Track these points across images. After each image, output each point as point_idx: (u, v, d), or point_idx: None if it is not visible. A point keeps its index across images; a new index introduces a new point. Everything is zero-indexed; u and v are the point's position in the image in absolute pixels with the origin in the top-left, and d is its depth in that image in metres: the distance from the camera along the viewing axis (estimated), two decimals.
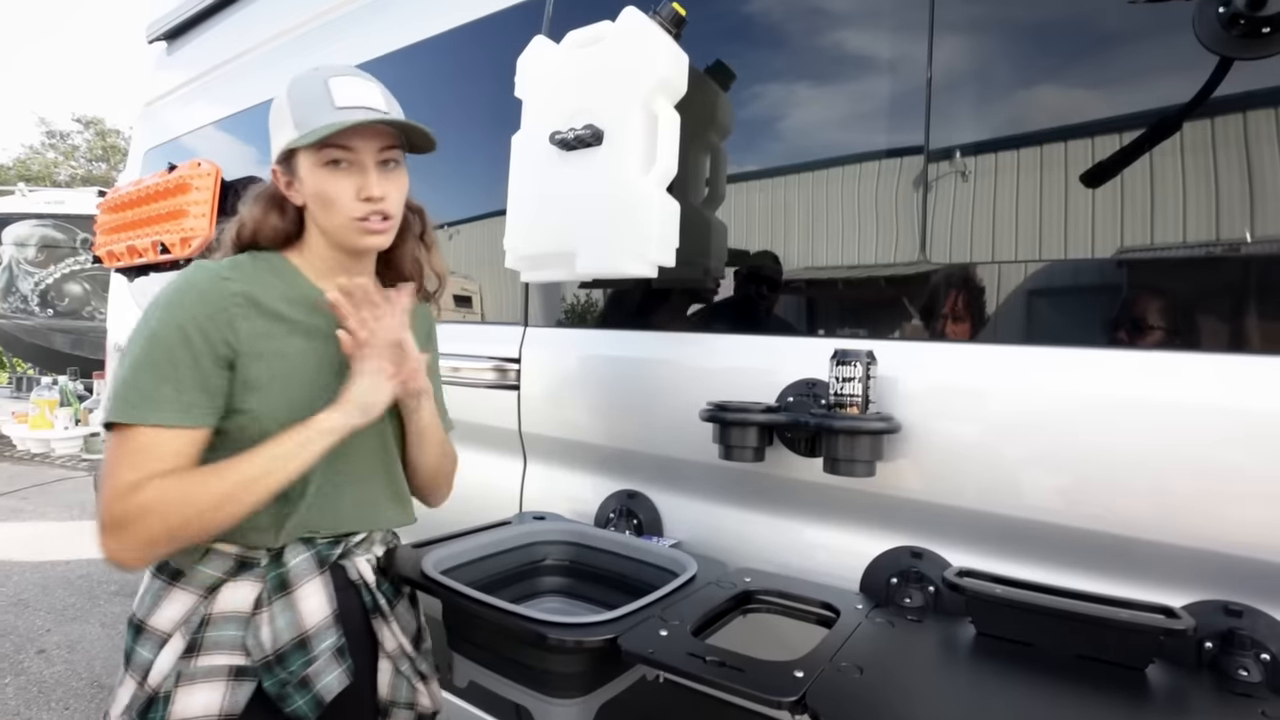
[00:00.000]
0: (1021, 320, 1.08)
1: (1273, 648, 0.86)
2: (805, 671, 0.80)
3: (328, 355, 1.00)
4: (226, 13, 2.90)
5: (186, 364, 0.89)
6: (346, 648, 0.99)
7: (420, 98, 1.91)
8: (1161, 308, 0.99)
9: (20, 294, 8.69)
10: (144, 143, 3.34)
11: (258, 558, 0.97)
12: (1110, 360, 0.97)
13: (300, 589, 0.96)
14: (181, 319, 0.90)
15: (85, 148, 22.53)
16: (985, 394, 1.04)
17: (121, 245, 2.76)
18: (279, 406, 0.94)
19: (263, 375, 0.94)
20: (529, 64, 1.38)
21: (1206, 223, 0.93)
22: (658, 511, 1.39)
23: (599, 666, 0.96)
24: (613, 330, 1.54)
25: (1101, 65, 1.03)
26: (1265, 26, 0.88)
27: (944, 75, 1.13)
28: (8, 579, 4.00)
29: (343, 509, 1.02)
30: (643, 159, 1.22)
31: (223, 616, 0.95)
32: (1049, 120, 1.07)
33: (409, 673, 1.08)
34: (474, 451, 1.70)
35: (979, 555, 1.06)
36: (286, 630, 0.94)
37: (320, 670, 0.95)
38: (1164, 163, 0.97)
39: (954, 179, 1.12)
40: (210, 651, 0.93)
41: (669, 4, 1.26)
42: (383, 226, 0.99)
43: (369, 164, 0.96)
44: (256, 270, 0.99)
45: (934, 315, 1.14)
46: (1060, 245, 1.03)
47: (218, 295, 0.92)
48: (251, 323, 0.94)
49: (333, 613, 0.98)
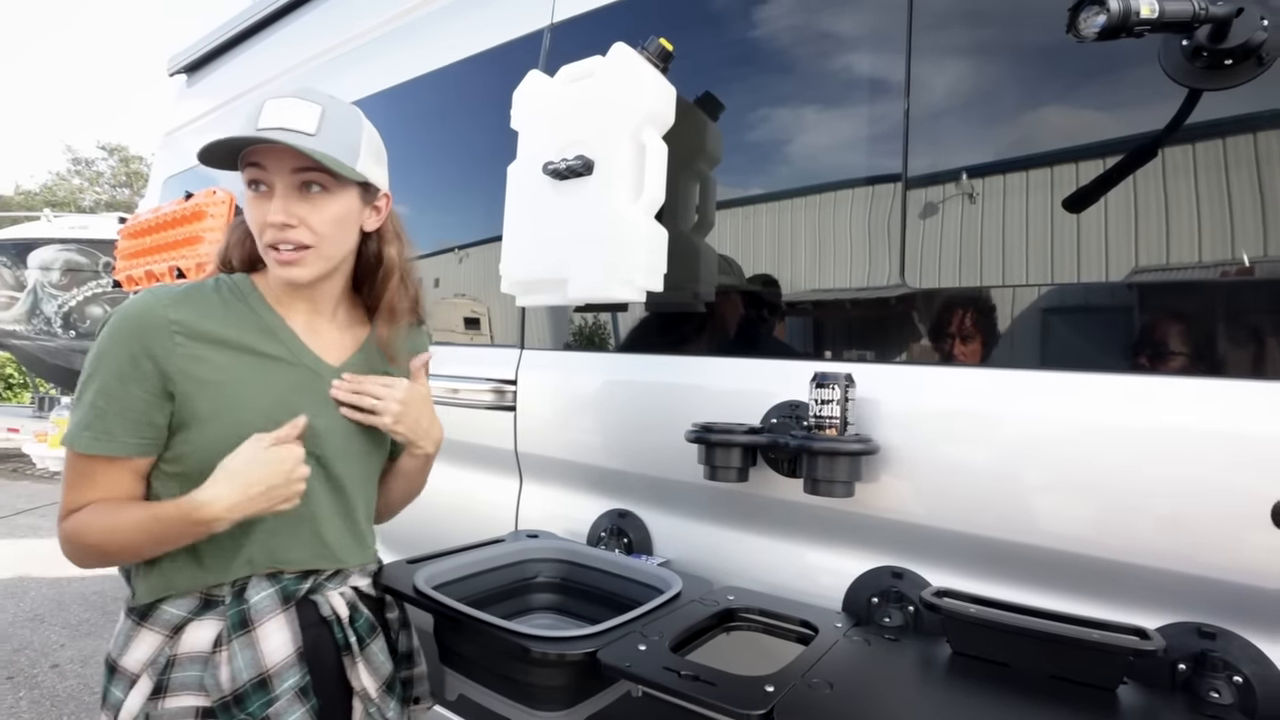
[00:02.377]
0: (1000, 344, 1.10)
1: (1245, 670, 0.87)
2: (776, 686, 0.82)
3: (277, 380, 0.98)
4: (242, 48, 3.02)
5: (116, 392, 0.89)
6: (310, 687, 0.96)
7: (422, 129, 1.99)
8: (1130, 332, 1.01)
9: (44, 316, 8.89)
10: (164, 171, 3.45)
11: (221, 595, 0.95)
12: (1086, 384, 0.99)
13: (261, 627, 0.93)
14: (117, 350, 0.90)
15: (109, 174, 23.11)
16: (963, 416, 1.07)
17: (140, 270, 2.85)
18: (227, 432, 0.92)
19: (205, 402, 0.92)
20: (524, 97, 1.44)
21: (1186, 248, 0.96)
22: (648, 530, 1.42)
23: (582, 681, 0.98)
24: (605, 353, 1.58)
25: (1077, 94, 1.07)
26: (1227, 59, 0.91)
27: (921, 104, 1.16)
28: (25, 594, 4.08)
29: (301, 543, 1.00)
30: (631, 188, 1.27)
31: (187, 657, 0.93)
32: (1023, 148, 1.10)
33: (376, 716, 1.03)
34: (471, 471, 1.74)
35: (961, 576, 1.08)
36: (245, 670, 0.91)
37: (281, 711, 0.92)
38: (1140, 188, 0.99)
39: (929, 206, 1.15)
40: (176, 693, 0.92)
41: (656, 40, 1.31)
42: (293, 257, 0.94)
43: (279, 187, 0.92)
44: (216, 295, 0.98)
45: (911, 339, 1.16)
46: (1037, 270, 1.06)
47: (153, 325, 0.90)
48: (189, 349, 0.91)
49: (296, 651, 0.95)
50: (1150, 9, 0.79)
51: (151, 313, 0.91)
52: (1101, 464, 0.95)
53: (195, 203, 2.63)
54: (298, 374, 1.00)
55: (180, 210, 2.68)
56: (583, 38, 1.59)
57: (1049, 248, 1.04)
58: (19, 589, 4.15)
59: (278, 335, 0.99)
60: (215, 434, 0.92)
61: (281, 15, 2.77)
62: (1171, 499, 0.91)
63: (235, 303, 0.99)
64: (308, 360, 1.02)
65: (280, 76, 2.66)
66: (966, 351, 1.11)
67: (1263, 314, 0.91)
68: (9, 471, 8.15)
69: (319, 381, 1.02)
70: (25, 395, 12.53)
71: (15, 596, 4.04)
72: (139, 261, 2.89)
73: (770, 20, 1.37)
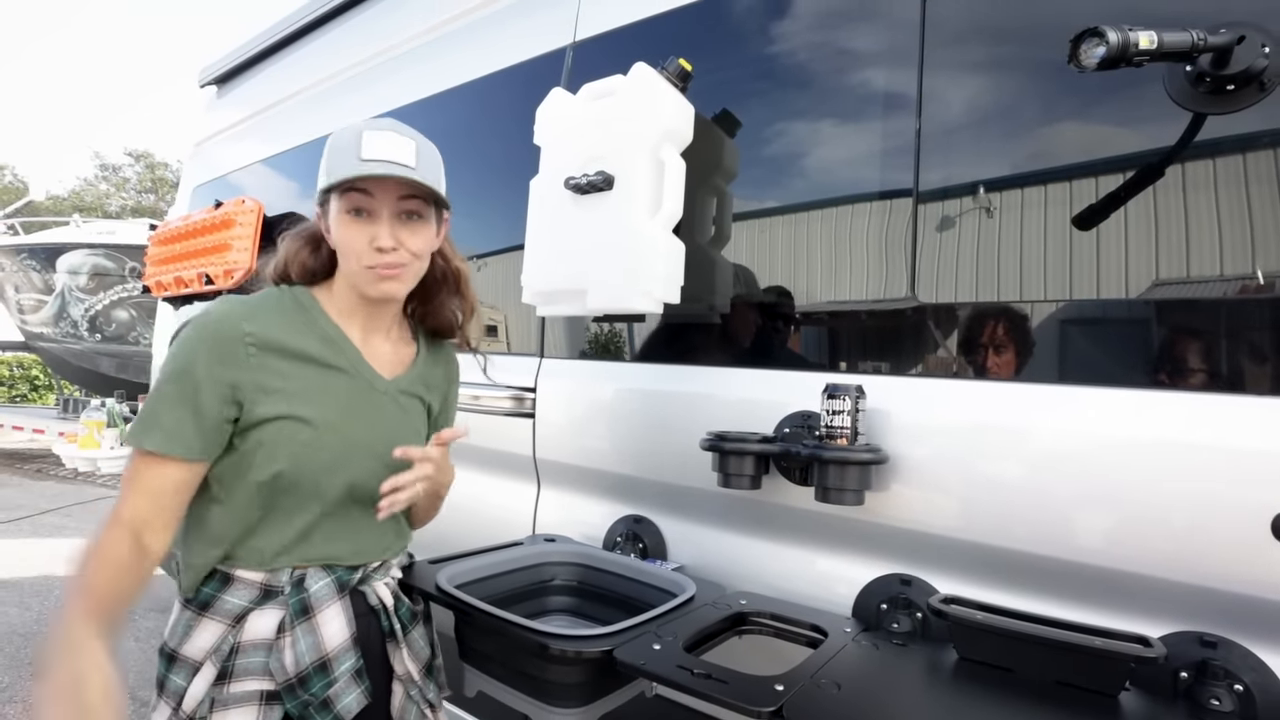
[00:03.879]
0: (1008, 358, 1.13)
1: (1246, 678, 0.89)
2: (785, 686, 0.85)
3: (336, 388, 1.04)
4: (271, 60, 3.10)
5: (188, 398, 0.94)
6: (364, 670, 1.04)
7: (447, 141, 2.04)
8: (1133, 348, 1.03)
9: (71, 319, 9.08)
10: (193, 180, 3.54)
11: (281, 586, 1.02)
12: (1091, 398, 1.01)
13: (322, 613, 1.01)
14: (195, 359, 0.95)
15: (135, 180, 23.58)
16: (971, 428, 1.09)
17: (169, 276, 2.93)
18: (284, 434, 0.99)
19: (268, 406, 0.98)
20: (547, 114, 1.49)
21: (1193, 264, 0.98)
22: (662, 536, 1.45)
23: (598, 678, 1.02)
24: (622, 362, 1.62)
25: (1085, 112, 1.10)
26: (1229, 84, 0.94)
27: (932, 121, 1.19)
28: (50, 592, 4.16)
29: (357, 540, 1.07)
30: (650, 203, 1.31)
31: (251, 644, 0.99)
32: (1032, 164, 1.13)
33: (418, 698, 1.11)
34: (491, 476, 1.79)
35: (969, 584, 1.10)
36: (308, 653, 0.98)
37: (340, 691, 0.99)
38: (1147, 205, 1.01)
39: (940, 221, 1.18)
40: (241, 678, 0.98)
41: (675, 60, 1.36)
42: (393, 273, 1.02)
43: (384, 214, 1.00)
44: (280, 306, 1.04)
45: (921, 352, 1.20)
46: (1044, 286, 1.09)
47: (230, 336, 0.97)
48: (260, 359, 0.98)
49: (351, 636, 1.03)
50: (1149, 40, 0.82)
51: (229, 324, 0.98)
52: (1105, 476, 0.98)
53: (224, 211, 2.71)
54: (355, 384, 1.06)
55: (210, 218, 2.76)
56: (604, 56, 1.64)
57: (1056, 264, 1.07)
58: (44, 587, 4.24)
59: (339, 346, 1.06)
60: (272, 434, 0.99)
61: (311, 29, 2.85)
62: (1174, 511, 0.94)
63: (298, 314, 1.05)
64: (365, 372, 1.08)
65: (311, 88, 2.74)
66: (975, 365, 1.14)
67: (1261, 330, 0.94)
68: (34, 472, 8.30)
69: (373, 393, 1.08)
70: (50, 397, 12.76)
71: (41, 595, 4.13)
72: (168, 268, 2.97)
73: (784, 40, 1.42)
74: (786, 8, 1.41)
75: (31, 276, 9.15)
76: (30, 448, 9.16)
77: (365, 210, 1.01)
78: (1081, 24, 0.92)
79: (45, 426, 8.39)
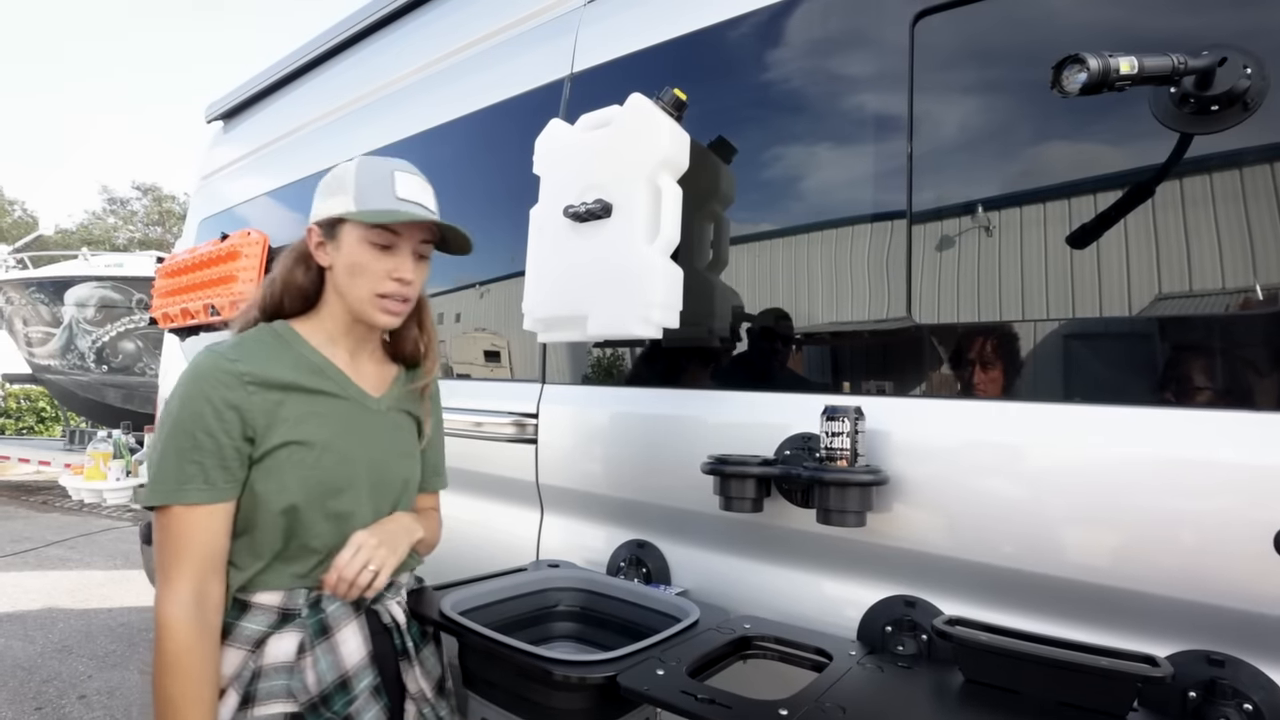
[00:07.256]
0: (1005, 377, 1.13)
1: (1255, 697, 0.88)
2: (790, 710, 0.85)
3: (331, 412, 1.09)
4: (276, 96, 3.17)
5: (207, 444, 0.98)
6: (381, 687, 1.07)
7: (448, 172, 2.08)
8: (1131, 365, 1.04)
9: (78, 351, 9.14)
10: (199, 213, 3.59)
11: (298, 608, 1.04)
12: (1091, 416, 1.02)
13: (340, 632, 1.04)
14: (199, 402, 0.99)
15: (143, 213, 23.89)
16: (971, 447, 1.10)
17: (176, 308, 2.97)
18: (292, 458, 1.03)
19: (276, 437, 1.03)
20: (545, 144, 1.52)
21: (1189, 280, 0.99)
22: (665, 560, 1.45)
23: (601, 705, 1.01)
24: (624, 387, 1.63)
25: (1075, 133, 1.11)
26: (1213, 105, 0.96)
27: (923, 144, 1.21)
28: (53, 625, 4.15)
29: None
30: (648, 230, 1.33)
31: (272, 667, 1.01)
32: (1023, 184, 1.14)
33: (431, 717, 1.13)
34: (494, 502, 1.79)
35: (973, 605, 1.10)
36: (329, 672, 1.02)
37: (361, 708, 1.02)
38: (1142, 224, 1.02)
39: (934, 243, 1.20)
40: (265, 701, 1.00)
41: (670, 90, 1.38)
42: (399, 308, 1.11)
43: (407, 251, 1.09)
44: (261, 344, 1.08)
45: (919, 372, 1.20)
46: (1039, 305, 1.09)
47: (229, 379, 1.01)
48: (263, 396, 1.02)
49: (369, 653, 1.06)
50: (1130, 65, 0.84)
51: (224, 368, 1.02)
52: (1108, 494, 0.98)
53: (230, 243, 2.75)
54: (348, 406, 1.12)
55: (216, 250, 2.80)
56: (601, 87, 1.67)
57: (1051, 282, 1.08)
58: (48, 620, 4.23)
59: (327, 374, 1.11)
60: (280, 460, 1.03)
61: (315, 65, 2.92)
62: (1180, 528, 0.94)
63: (283, 349, 1.10)
64: (354, 394, 1.13)
65: (315, 122, 2.79)
66: (973, 385, 1.14)
67: (1262, 345, 0.95)
68: (39, 504, 8.30)
69: (366, 412, 1.14)
70: (56, 429, 12.80)
71: (44, 627, 4.11)
72: (175, 299, 3.01)
73: (776, 68, 1.44)
74: (778, 37, 1.44)
75: (40, 309, 9.23)
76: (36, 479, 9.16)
77: (389, 246, 1.08)
78: (1064, 46, 0.94)
79: (51, 458, 8.39)
